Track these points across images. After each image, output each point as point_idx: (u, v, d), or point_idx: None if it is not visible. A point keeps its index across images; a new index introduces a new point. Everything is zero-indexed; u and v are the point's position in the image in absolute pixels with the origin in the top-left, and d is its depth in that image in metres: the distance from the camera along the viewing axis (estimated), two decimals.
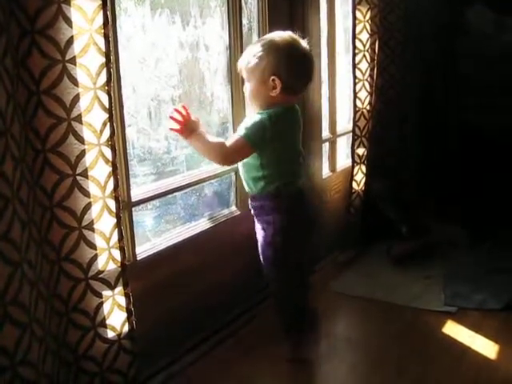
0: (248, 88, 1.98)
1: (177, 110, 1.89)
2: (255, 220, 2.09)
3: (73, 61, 1.37)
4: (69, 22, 1.35)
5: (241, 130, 1.93)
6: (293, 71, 1.95)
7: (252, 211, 2.09)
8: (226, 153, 1.92)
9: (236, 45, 2.15)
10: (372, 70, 2.81)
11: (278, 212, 1.99)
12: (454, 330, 2.25)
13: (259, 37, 2.26)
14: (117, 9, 1.69)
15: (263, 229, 2.03)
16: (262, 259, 2.06)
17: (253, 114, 1.99)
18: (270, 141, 1.93)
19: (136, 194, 1.84)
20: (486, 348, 2.12)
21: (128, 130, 1.78)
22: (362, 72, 2.75)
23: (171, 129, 1.90)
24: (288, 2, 2.42)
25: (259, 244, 2.06)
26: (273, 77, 1.92)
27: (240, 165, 2.03)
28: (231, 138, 1.96)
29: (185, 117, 1.89)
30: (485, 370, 2.00)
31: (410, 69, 3.10)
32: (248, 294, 2.33)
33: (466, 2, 3.41)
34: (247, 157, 1.96)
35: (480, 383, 1.92)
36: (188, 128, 1.90)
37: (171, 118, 1.88)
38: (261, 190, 2.00)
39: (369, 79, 2.79)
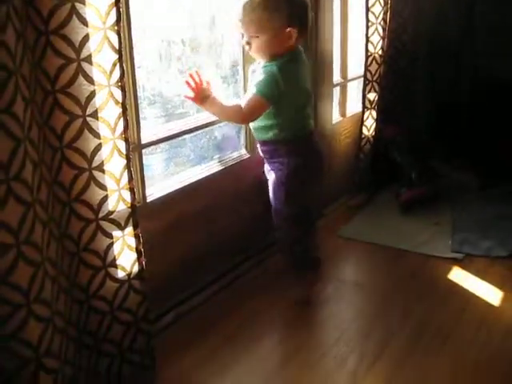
0: (256, 42, 1.94)
1: (191, 76, 1.91)
2: (266, 162, 2.12)
3: (82, 0, 1.35)
4: None
5: (254, 88, 1.95)
6: (302, 17, 1.97)
7: (263, 155, 2.12)
8: (244, 113, 1.96)
9: None
10: (385, 13, 2.74)
11: (292, 154, 2.05)
12: (459, 276, 2.28)
13: None
14: None
15: (277, 169, 2.08)
16: (273, 200, 2.11)
17: (259, 67, 2.00)
18: (284, 92, 1.95)
19: (146, 136, 1.84)
20: (491, 295, 2.15)
21: (138, 72, 1.76)
22: (375, 15, 2.69)
23: (186, 96, 1.94)
24: None
25: (271, 185, 2.11)
26: (289, 28, 1.92)
27: None
28: (245, 98, 1.98)
29: (197, 84, 1.92)
30: (489, 315, 2.04)
31: (424, 12, 3.03)
32: (257, 236, 2.35)
33: None
34: (265, 111, 1.98)
35: (483, 328, 1.96)
36: (201, 95, 1.94)
37: (187, 83, 1.91)
38: (274, 136, 2.05)
39: (382, 23, 2.74)
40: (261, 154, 2.14)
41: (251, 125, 2.10)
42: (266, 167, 2.15)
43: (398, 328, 1.96)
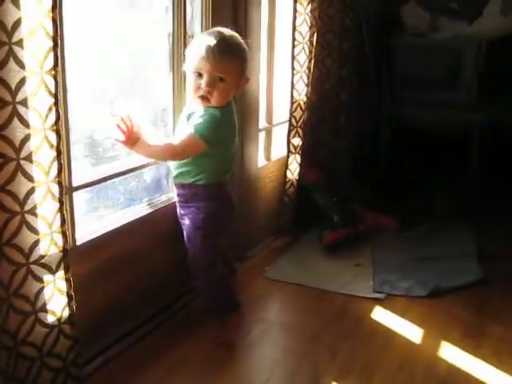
0: (221, 85, 1.97)
1: (122, 120, 1.92)
2: (180, 207, 2.15)
3: (20, 43, 1.35)
4: (16, 3, 1.33)
5: (192, 128, 1.97)
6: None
7: (178, 198, 2.14)
8: (176, 150, 1.99)
9: (179, 32, 2.15)
10: (310, 62, 2.86)
11: (210, 199, 2.08)
12: (382, 315, 2.35)
13: (201, 25, 2.28)
14: None
15: (193, 213, 2.09)
16: (188, 246, 2.12)
17: (200, 111, 2.02)
18: (223, 137, 2.02)
19: (77, 179, 1.83)
20: (412, 333, 2.23)
21: (70, 115, 1.76)
22: (300, 64, 2.80)
23: (116, 140, 1.94)
24: None
25: (186, 230, 2.12)
26: (246, 76, 2.05)
27: None
28: (182, 136, 2.00)
29: (128, 128, 1.93)
30: (410, 353, 2.11)
31: (347, 62, 3.18)
32: (184, 279, 2.35)
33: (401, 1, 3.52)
34: (198, 152, 2.00)
35: (406, 365, 2.03)
36: (131, 138, 1.95)
37: (118, 126, 1.92)
38: (198, 180, 2.07)
39: (306, 71, 2.84)
40: (176, 198, 2.16)
41: (176, 167, 2.09)
42: (180, 212, 2.15)
43: (326, 367, 2.00)
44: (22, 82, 1.37)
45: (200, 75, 1.97)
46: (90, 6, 1.88)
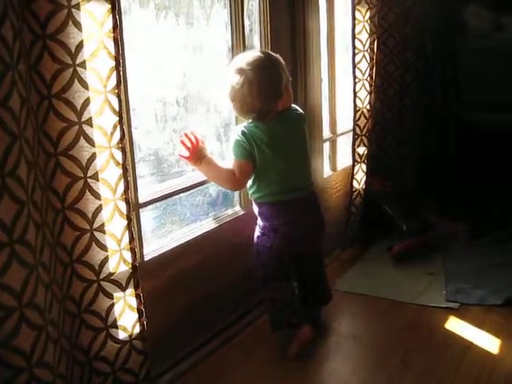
0: None
1: (186, 136, 1.93)
2: None
3: (83, 65, 1.38)
4: (79, 26, 1.36)
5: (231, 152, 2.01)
6: None
7: None
8: (236, 180, 1.99)
9: (238, 46, 2.17)
10: (371, 69, 2.82)
11: (262, 218, 2.10)
12: (456, 325, 2.27)
13: (260, 38, 2.29)
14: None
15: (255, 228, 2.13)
16: None
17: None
18: (255, 151, 1.99)
19: (143, 195, 1.86)
20: (489, 343, 2.15)
21: (134, 133, 1.79)
22: (361, 72, 2.76)
23: (180, 155, 1.95)
24: (288, 3, 2.44)
25: None
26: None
27: None
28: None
29: (193, 144, 1.93)
30: (488, 364, 2.02)
31: (409, 68, 3.13)
32: (253, 292, 2.34)
33: (463, 2, 3.43)
34: (251, 172, 2.02)
35: (483, 377, 1.94)
36: (196, 155, 1.95)
37: (182, 142, 1.93)
38: (251, 195, 2.10)
39: (368, 79, 2.81)
40: None
41: None
42: None
43: (399, 380, 1.95)
44: (87, 101, 1.41)
45: None
46: (149, 24, 1.92)
